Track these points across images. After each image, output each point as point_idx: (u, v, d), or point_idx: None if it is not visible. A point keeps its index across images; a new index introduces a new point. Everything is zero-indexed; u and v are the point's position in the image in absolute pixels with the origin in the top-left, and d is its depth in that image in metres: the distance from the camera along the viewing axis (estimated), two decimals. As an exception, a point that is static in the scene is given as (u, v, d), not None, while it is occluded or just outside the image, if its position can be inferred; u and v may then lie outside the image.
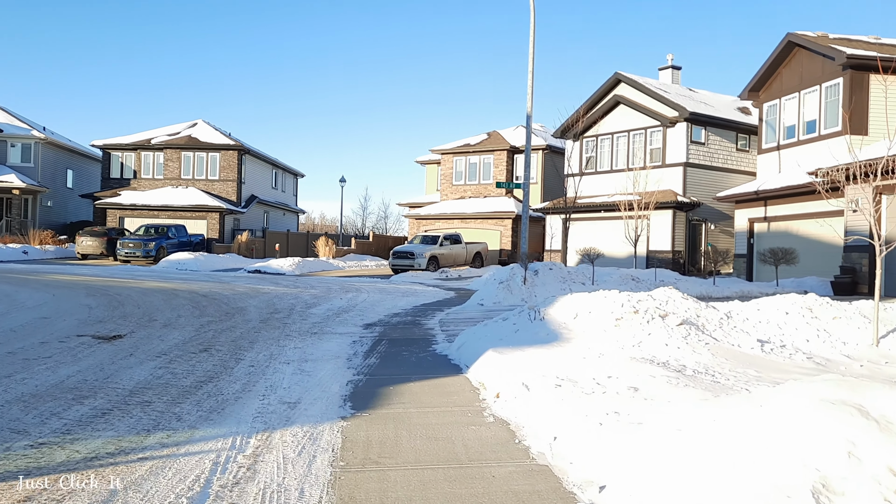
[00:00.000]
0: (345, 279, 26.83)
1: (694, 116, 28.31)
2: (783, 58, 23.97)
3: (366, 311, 15.09)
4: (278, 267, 30.55)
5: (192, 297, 16.47)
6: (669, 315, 8.35)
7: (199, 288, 18.94)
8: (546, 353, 7.66)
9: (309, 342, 10.24)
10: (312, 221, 79.68)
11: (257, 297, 17.22)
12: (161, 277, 22.88)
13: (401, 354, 9.45)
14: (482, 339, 8.87)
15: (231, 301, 15.91)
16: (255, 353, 9.13)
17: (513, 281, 16.86)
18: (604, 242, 29.65)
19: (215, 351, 9.18)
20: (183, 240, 34.59)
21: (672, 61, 33.18)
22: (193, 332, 10.94)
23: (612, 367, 6.74)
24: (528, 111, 17.57)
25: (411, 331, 12.02)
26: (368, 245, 42.63)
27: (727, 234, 29.90)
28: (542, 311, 8.96)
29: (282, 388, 7.08)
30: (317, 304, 16.15)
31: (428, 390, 7.16)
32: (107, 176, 39.98)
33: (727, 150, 30.01)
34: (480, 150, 37.59)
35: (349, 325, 12.46)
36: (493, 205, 35.92)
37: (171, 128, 41.49)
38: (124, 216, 38.00)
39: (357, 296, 18.53)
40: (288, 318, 13.28)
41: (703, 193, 29.05)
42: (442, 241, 31.68)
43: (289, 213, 48.41)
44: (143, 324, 11.64)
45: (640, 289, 17.80)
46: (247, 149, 39.61)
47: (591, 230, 31.41)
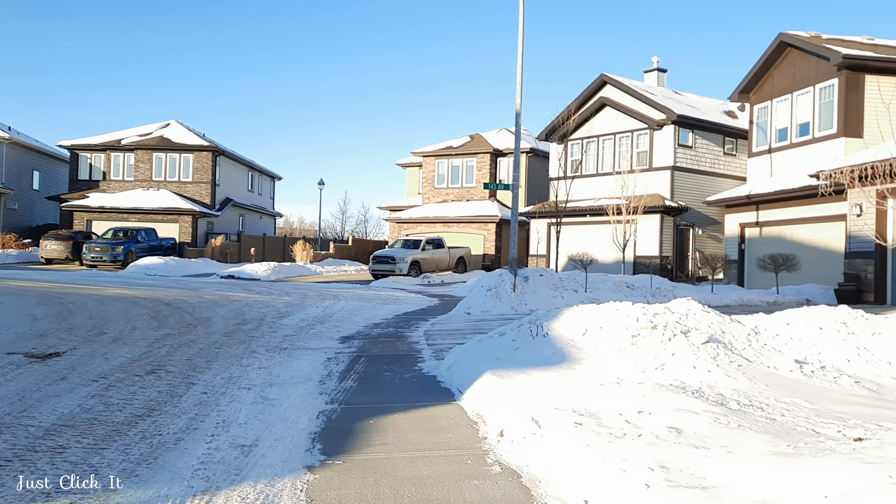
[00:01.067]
0: (322, 285, 25.44)
1: (681, 119, 27.33)
2: (775, 59, 23.05)
3: (343, 321, 13.77)
4: (253, 272, 29.09)
5: (154, 305, 15.04)
6: (692, 331, 7.15)
7: (163, 295, 17.50)
8: (554, 378, 6.42)
9: (277, 360, 8.91)
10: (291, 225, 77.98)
11: (226, 305, 15.82)
12: (125, 284, 21.36)
13: (382, 375, 8.16)
14: (477, 358, 7.61)
15: (196, 310, 14.51)
16: (212, 375, 7.79)
17: (501, 288, 15.64)
18: (590, 247, 28.51)
19: (165, 373, 7.82)
20: (153, 244, 32.95)
21: (658, 64, 32.24)
22: (145, 347, 9.56)
23: (638, 398, 5.51)
24: (518, 108, 16.38)
25: (394, 345, 10.73)
26: (348, 249, 41.21)
27: (715, 240, 28.94)
28: (546, 326, 7.73)
29: (237, 423, 5.76)
30: (290, 313, 14.80)
31: (415, 424, 5.88)
32: (75, 178, 38.18)
33: (714, 154, 29.09)
34: (463, 153, 36.39)
35: (324, 339, 11.14)
36: (477, 209, 34.72)
37: (142, 128, 39.80)
38: (92, 219, 36.25)
39: (334, 304, 17.19)
40: (256, 330, 11.92)
41: (691, 198, 28.08)
42: (424, 245, 30.39)
43: (265, 217, 46.83)
44: (89, 338, 10.24)
45: (636, 296, 16.68)
46: (221, 150, 38.05)
47: (576, 235, 30.30)
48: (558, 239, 21.16)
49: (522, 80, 16.40)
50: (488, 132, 38.43)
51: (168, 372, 7.85)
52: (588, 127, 30.61)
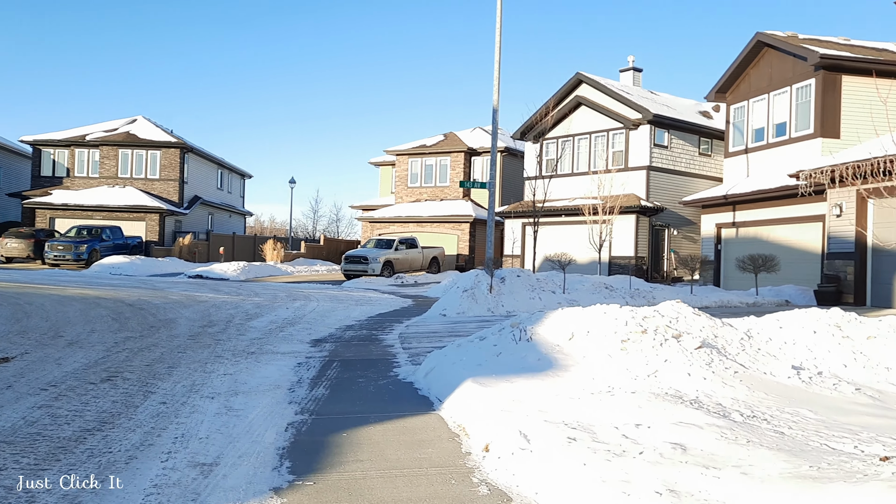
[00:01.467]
0: (293, 285, 24.82)
1: (657, 119, 27.18)
2: (752, 58, 22.96)
3: (315, 323, 13.25)
4: (221, 272, 28.35)
5: (116, 306, 14.36)
6: (684, 335, 6.79)
7: (127, 296, 16.79)
8: (541, 386, 6.00)
9: (244, 366, 8.38)
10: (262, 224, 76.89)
11: (192, 306, 15.19)
12: (88, 283, 20.56)
13: (356, 382, 7.67)
14: (456, 364, 7.17)
15: (160, 312, 13.87)
16: (173, 382, 7.24)
17: (478, 289, 15.22)
18: (565, 248, 28.24)
19: (122, 380, 7.25)
20: (119, 242, 32.00)
21: (633, 63, 32.12)
22: (103, 352, 8.96)
23: (633, 409, 5.11)
24: (495, 104, 15.97)
25: (367, 349, 10.24)
26: (319, 249, 40.53)
27: (690, 240, 28.86)
28: (530, 330, 7.31)
29: (197, 438, 5.24)
30: (259, 314, 14.22)
31: (393, 437, 5.42)
32: (37, 174, 37.00)
33: (690, 155, 29.01)
34: (437, 152, 35.94)
35: (294, 342, 10.61)
36: (450, 208, 34.29)
37: (108, 124, 38.70)
38: (55, 217, 35.13)
39: (305, 305, 16.64)
40: (223, 332, 11.35)
41: (666, 198, 27.96)
42: (397, 245, 29.90)
43: (235, 216, 45.92)
44: (43, 342, 9.60)
45: (615, 297, 16.38)
46: (190, 147, 37.14)
47: (552, 235, 30.04)
48: (535, 239, 20.82)
49: (500, 76, 16.01)
50: (462, 131, 38.03)
51: (125, 379, 7.29)
52: (564, 126, 30.36)
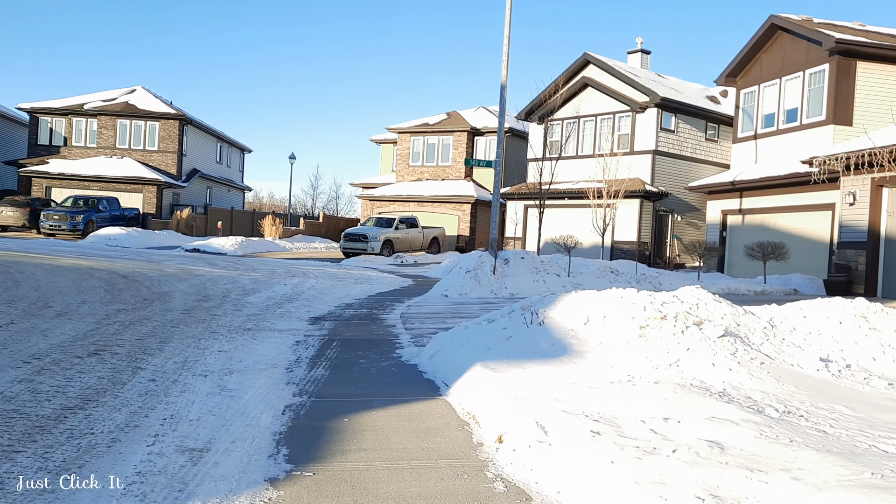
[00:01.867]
0: (291, 262, 24.41)
1: (665, 102, 26.66)
2: (764, 42, 22.41)
3: (313, 300, 12.85)
4: (219, 246, 27.92)
5: (110, 277, 13.94)
6: (705, 323, 6.40)
7: (121, 267, 16.37)
8: (556, 373, 5.61)
9: (239, 343, 7.98)
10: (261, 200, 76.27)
11: (188, 279, 14.77)
12: (83, 254, 20.12)
13: (357, 363, 7.29)
14: (464, 347, 6.78)
15: (155, 284, 13.45)
16: (164, 358, 6.84)
17: (481, 270, 14.82)
18: (567, 231, 27.81)
19: (110, 354, 6.85)
20: (115, 213, 31.51)
21: (641, 45, 31.51)
22: (93, 324, 8.56)
23: (658, 401, 4.73)
24: (503, 80, 15.48)
25: (368, 328, 9.85)
26: (318, 226, 40.07)
27: (693, 227, 28.46)
28: (542, 314, 6.91)
29: (187, 420, 4.85)
30: (256, 290, 13.82)
31: (398, 424, 5.03)
32: (34, 142, 36.38)
33: (696, 140, 28.51)
34: (439, 131, 35.38)
35: (292, 319, 10.22)
36: (452, 188, 33.81)
37: (107, 93, 38.02)
38: (52, 186, 34.58)
39: (304, 281, 16.24)
40: (219, 307, 10.95)
41: (671, 183, 27.50)
42: (397, 224, 29.46)
43: (234, 190, 45.36)
44: (31, 312, 9.19)
45: (621, 282, 15.98)
46: (189, 118, 36.52)
47: (554, 218, 29.57)
48: (541, 221, 20.40)
49: (509, 50, 15.50)
50: (466, 110, 37.44)
51: (114, 354, 6.89)
52: (570, 107, 29.82)
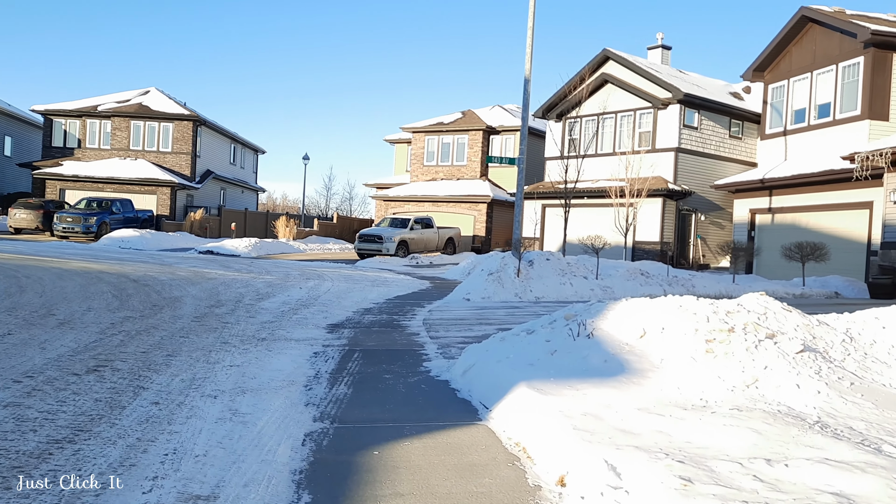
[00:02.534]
0: (306, 263, 23.75)
1: (688, 98, 25.79)
2: (794, 34, 21.51)
3: (330, 304, 12.14)
4: (233, 248, 27.32)
5: (120, 282, 13.30)
6: (779, 335, 5.61)
7: (132, 271, 15.74)
8: (616, 396, 4.85)
9: (253, 355, 7.26)
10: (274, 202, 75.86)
11: (200, 283, 14.11)
12: (94, 257, 19.53)
13: (382, 378, 6.55)
14: (502, 363, 6.03)
15: (166, 289, 12.79)
16: (170, 375, 6.13)
17: (504, 272, 14.06)
18: (587, 231, 27.04)
19: (111, 371, 6.15)
20: (129, 215, 30.99)
21: (662, 41, 30.61)
22: (96, 334, 7.87)
23: (747, 433, 3.96)
24: (527, 73, 14.71)
25: (391, 336, 9.12)
26: (332, 227, 39.43)
27: (717, 226, 27.57)
28: (590, 324, 6.14)
29: (192, 456, 4.13)
30: (271, 294, 13.13)
31: (437, 459, 4.29)
32: (48, 144, 35.95)
33: (720, 137, 27.61)
34: (454, 130, 34.62)
35: (309, 327, 9.50)
36: (467, 188, 33.05)
37: (120, 95, 37.55)
38: (66, 188, 34.13)
39: (319, 284, 15.54)
40: (231, 314, 10.25)
41: (694, 182, 26.63)
42: (412, 224, 28.73)
43: (248, 191, 44.81)
44: (32, 320, 8.52)
45: (652, 284, 15.18)
46: (203, 120, 35.98)
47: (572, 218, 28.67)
48: (566, 222, 19.58)
49: (533, 42, 14.73)
50: (481, 109, 36.67)
51: (115, 370, 6.18)
52: (589, 105, 28.96)
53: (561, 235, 28.12)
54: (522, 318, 11.03)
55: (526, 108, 15.23)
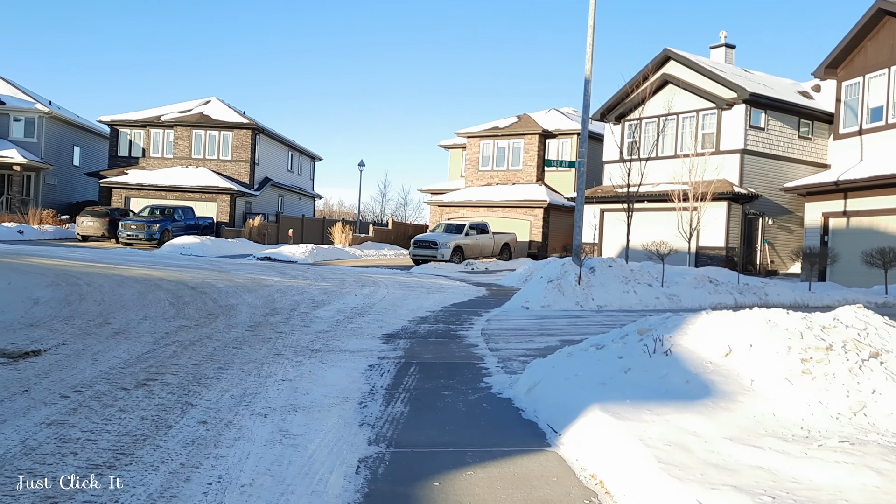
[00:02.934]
0: (361, 269, 23.60)
1: (754, 98, 24.70)
2: (869, 29, 20.31)
3: (385, 313, 11.81)
4: (290, 254, 27.40)
5: (178, 289, 13.26)
6: (883, 354, 4.98)
7: (191, 278, 15.76)
8: (703, 423, 4.32)
9: (306, 368, 6.95)
10: (330, 208, 76.53)
11: (256, 291, 13.99)
12: (155, 264, 19.74)
13: (440, 395, 6.14)
14: (570, 381, 5.55)
15: (222, 296, 12.68)
16: (220, 391, 5.84)
17: (564, 280, 13.51)
18: (647, 236, 26.18)
19: (161, 385, 5.91)
20: (190, 223, 31.47)
21: (725, 39, 29.49)
22: (149, 345, 7.70)
23: (870, 473, 3.40)
24: (587, 74, 14.15)
25: (448, 348, 8.71)
26: (387, 233, 39.37)
27: (785, 231, 26.33)
28: (667, 340, 5.61)
29: (238, 485, 3.78)
30: (326, 301, 12.89)
31: (504, 494, 3.84)
32: (114, 154, 36.89)
33: (788, 138, 26.38)
34: (510, 134, 34.11)
35: (364, 337, 9.17)
36: (523, 193, 32.48)
37: (182, 105, 38.30)
38: (130, 196, 34.92)
39: (375, 291, 15.27)
40: (286, 323, 10.01)
41: (761, 184, 25.49)
42: (467, 230, 28.32)
43: (305, 198, 45.19)
44: (87, 330, 8.43)
45: (721, 293, 14.39)
46: (261, 128, 36.38)
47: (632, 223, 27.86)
48: (629, 227, 18.90)
49: (594, 41, 14.17)
50: (537, 113, 36.06)
51: (165, 384, 5.94)
52: (649, 106, 27.97)
53: (621, 241, 27.31)
54: (586, 329, 10.49)
55: (586, 111, 14.67)
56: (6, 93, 35.64)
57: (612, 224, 28.01)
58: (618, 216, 28.08)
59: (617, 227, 27.80)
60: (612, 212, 27.93)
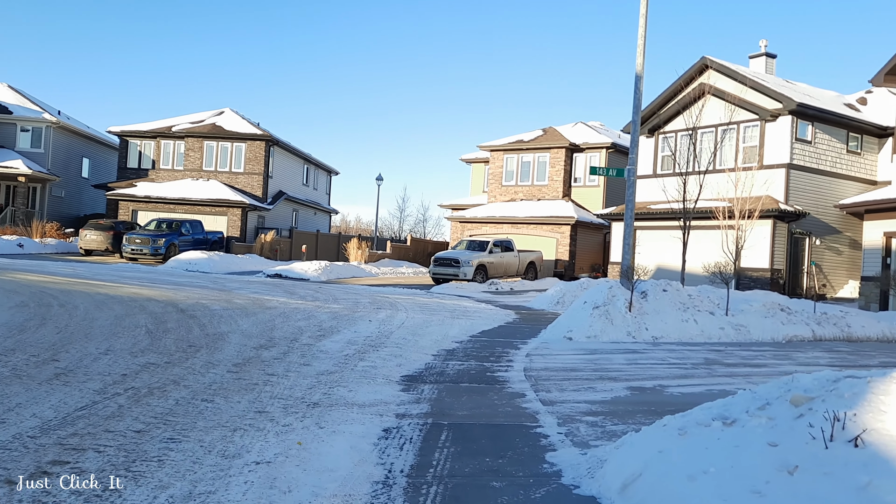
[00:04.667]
0: (377, 289, 21.59)
1: (801, 109, 22.60)
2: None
3: (405, 345, 9.78)
4: (301, 271, 25.48)
5: (164, 312, 11.30)
6: None
7: (184, 298, 13.83)
8: None
9: (296, 436, 4.90)
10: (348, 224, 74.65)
11: (255, 314, 12.00)
12: (152, 281, 17.85)
13: (488, 489, 4.06)
14: (701, 483, 3.47)
15: (214, 322, 10.70)
16: (155, 487, 3.79)
17: (613, 306, 11.41)
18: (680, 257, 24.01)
19: (72, 471, 3.85)
20: (198, 237, 29.67)
21: (766, 48, 27.39)
22: (92, 395, 5.69)
23: None
24: (639, 69, 12.11)
25: (487, 398, 6.63)
26: (406, 250, 37.38)
27: (834, 251, 24.07)
28: (851, 419, 3.53)
29: None
30: (335, 329, 10.87)
31: None
32: (123, 165, 35.29)
33: (836, 152, 24.19)
34: (535, 148, 32.11)
35: (378, 381, 7.12)
36: (549, 209, 30.40)
37: (195, 115, 36.69)
38: (138, 209, 33.23)
39: (392, 316, 13.25)
40: (282, 359, 7.98)
41: (807, 201, 23.30)
42: (491, 247, 26.24)
43: (320, 213, 43.35)
44: (22, 369, 6.44)
45: (796, 323, 12.17)
46: (275, 140, 34.64)
47: (663, 242, 25.71)
48: (685, 246, 16.83)
49: (646, 30, 12.14)
50: (563, 126, 34.08)
51: (78, 471, 3.90)
52: (685, 118, 25.90)
53: (655, 261, 25.13)
54: (653, 371, 8.39)
55: (637, 111, 12.62)
56: (13, 102, 34.19)
57: (645, 243, 25.84)
58: (653, 235, 25.94)
59: (651, 247, 25.64)
60: (646, 230, 25.79)
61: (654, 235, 25.73)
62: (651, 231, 25.72)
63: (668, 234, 25.07)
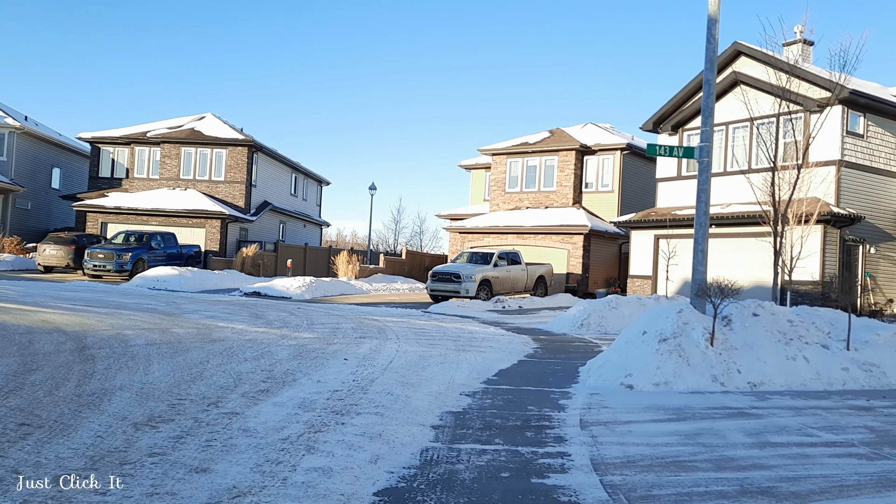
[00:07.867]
0: (366, 309, 17.98)
1: (853, 97, 19.14)
2: None
3: (389, 409, 6.16)
4: (283, 289, 21.88)
5: (51, 352, 7.69)
6: None
7: (108, 327, 10.22)
8: None
9: None
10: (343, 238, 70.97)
11: (187, 353, 8.38)
12: (89, 303, 14.22)
13: None
14: None
15: (113, 367, 7.08)
16: None
17: (687, 338, 7.82)
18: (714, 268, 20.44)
19: None
20: (171, 251, 26.02)
21: (802, 34, 23.91)
22: None
23: None
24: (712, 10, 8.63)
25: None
26: (401, 264, 33.73)
27: (889, 261, 20.54)
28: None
29: None
30: (290, 377, 7.25)
31: None
32: (95, 174, 31.70)
33: (890, 147, 20.74)
34: (542, 151, 28.60)
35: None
36: (559, 217, 26.83)
37: (174, 121, 33.14)
38: (108, 221, 29.58)
39: (377, 350, 9.65)
40: (164, 456, 4.34)
41: (861, 203, 19.81)
42: (496, 260, 22.62)
43: (310, 225, 39.71)
44: None
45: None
46: (259, 145, 31.08)
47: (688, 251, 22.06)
48: (777, 255, 13.21)
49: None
50: (571, 127, 30.60)
51: None
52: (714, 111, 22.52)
53: (683, 274, 21.60)
54: (808, 462, 4.74)
55: (711, 68, 9.11)
56: (-27, 106, 30.64)
57: (680, 255, 22.25)
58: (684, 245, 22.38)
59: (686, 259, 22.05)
60: (672, 238, 22.24)
61: (686, 245, 22.11)
62: (681, 240, 22.11)
63: (690, 243, 21.41)
